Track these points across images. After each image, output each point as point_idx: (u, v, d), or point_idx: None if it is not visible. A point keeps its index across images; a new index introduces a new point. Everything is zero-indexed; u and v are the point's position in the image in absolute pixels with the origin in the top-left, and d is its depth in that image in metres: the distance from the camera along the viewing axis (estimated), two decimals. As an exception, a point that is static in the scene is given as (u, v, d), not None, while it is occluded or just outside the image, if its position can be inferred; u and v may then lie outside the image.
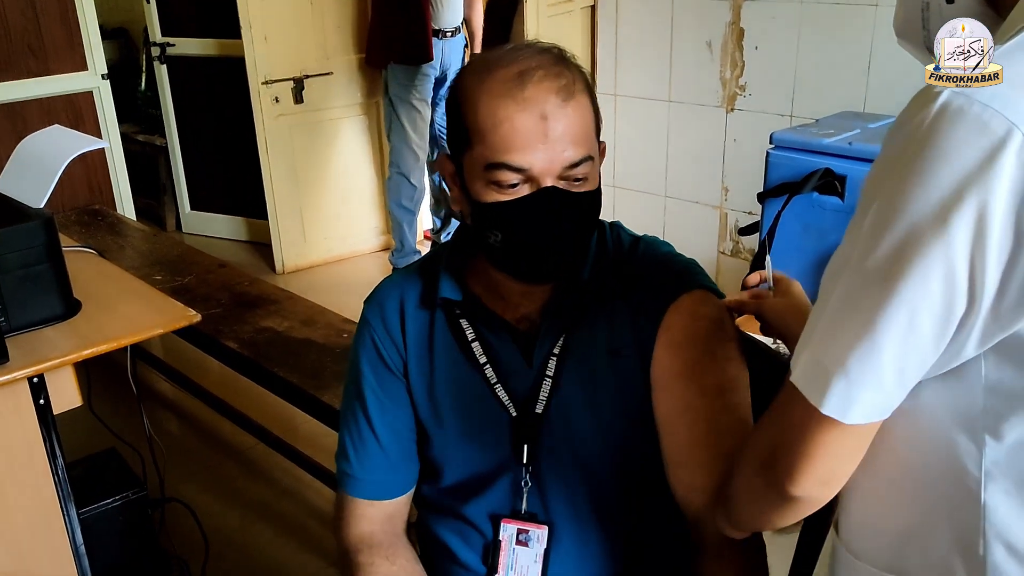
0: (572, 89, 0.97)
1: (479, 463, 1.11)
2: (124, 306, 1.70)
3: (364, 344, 1.14)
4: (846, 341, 0.69)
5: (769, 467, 0.78)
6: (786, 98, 2.67)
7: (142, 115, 5.02)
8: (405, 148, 3.79)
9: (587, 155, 0.98)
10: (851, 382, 0.69)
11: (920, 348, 0.68)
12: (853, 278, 0.69)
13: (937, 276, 0.65)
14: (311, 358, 2.25)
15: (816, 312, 0.74)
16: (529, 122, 0.95)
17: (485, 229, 1.01)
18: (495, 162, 0.96)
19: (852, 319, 0.69)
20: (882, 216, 0.67)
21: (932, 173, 0.65)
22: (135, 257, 3.01)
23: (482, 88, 0.98)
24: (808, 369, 0.72)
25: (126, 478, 1.85)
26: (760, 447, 0.80)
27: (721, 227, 2.99)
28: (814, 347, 0.72)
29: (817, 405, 0.71)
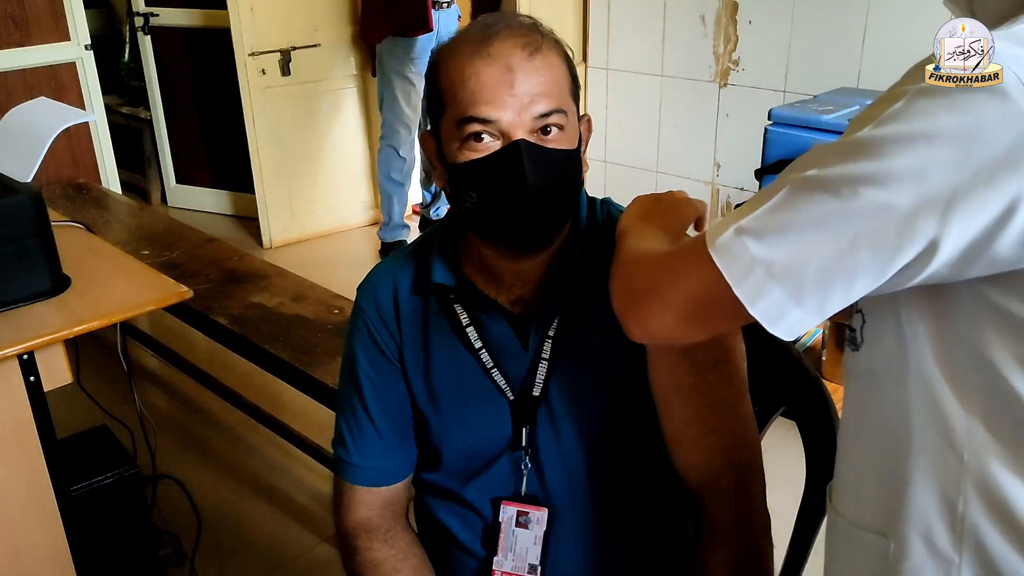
0: (539, 45, 0.97)
1: (478, 447, 1.11)
2: (114, 282, 1.68)
3: (358, 331, 1.13)
4: (783, 237, 0.68)
5: (636, 300, 0.81)
6: (780, 73, 2.66)
7: (126, 87, 4.95)
8: (396, 121, 3.76)
9: (557, 107, 0.97)
10: (774, 277, 0.68)
11: (854, 273, 0.67)
12: (815, 176, 0.68)
13: (896, 216, 0.64)
14: (301, 334, 2.23)
15: (762, 195, 0.72)
16: (495, 74, 0.94)
17: (461, 192, 1.00)
18: (464, 117, 0.95)
19: (795, 218, 0.67)
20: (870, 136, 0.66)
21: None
22: (122, 232, 2.97)
23: (452, 52, 0.99)
24: (732, 246, 0.70)
25: (117, 455, 1.84)
26: (642, 276, 0.82)
27: (713, 203, 2.98)
28: (748, 227, 0.70)
29: (732, 285, 0.69)
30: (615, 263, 0.90)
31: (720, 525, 1.03)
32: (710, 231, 0.73)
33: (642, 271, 0.83)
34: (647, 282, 0.81)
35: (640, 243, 0.91)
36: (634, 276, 0.84)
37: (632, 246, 0.91)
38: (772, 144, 1.59)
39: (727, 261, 0.70)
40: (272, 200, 4.16)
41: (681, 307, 0.76)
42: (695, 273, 0.73)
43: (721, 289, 0.70)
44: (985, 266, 0.65)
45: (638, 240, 0.93)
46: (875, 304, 0.77)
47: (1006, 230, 0.62)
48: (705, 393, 1.01)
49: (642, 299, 0.81)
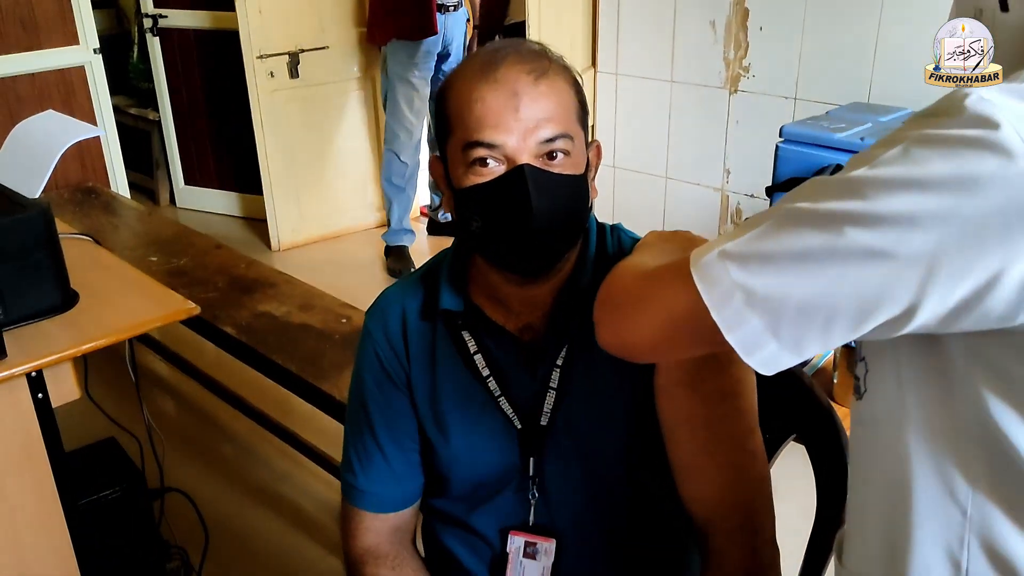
0: (546, 70, 0.97)
1: (485, 475, 1.10)
2: (122, 297, 1.68)
3: (367, 356, 1.13)
4: (765, 266, 0.66)
5: (614, 308, 0.80)
6: (791, 80, 2.64)
7: (134, 88, 4.95)
8: (398, 126, 3.75)
9: (563, 132, 0.96)
10: (752, 306, 0.66)
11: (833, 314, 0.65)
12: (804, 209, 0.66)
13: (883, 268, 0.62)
14: (309, 344, 2.23)
15: (751, 221, 0.71)
16: (500, 99, 0.94)
17: (467, 217, 0.99)
18: (470, 141, 0.95)
19: (779, 247, 0.66)
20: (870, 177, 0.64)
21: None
22: (130, 238, 2.98)
23: (459, 77, 0.99)
24: (714, 268, 0.69)
25: (124, 468, 1.84)
26: (624, 286, 0.81)
27: (723, 209, 2.96)
28: (732, 252, 0.68)
29: (710, 309, 0.68)
30: (611, 272, 0.89)
31: (727, 561, 1.02)
32: (695, 252, 0.72)
33: (626, 282, 0.83)
34: (628, 292, 0.81)
35: (646, 256, 0.91)
36: (617, 285, 0.84)
37: (627, 261, 0.91)
38: (783, 161, 1.58)
39: (708, 283, 0.69)
40: (280, 202, 4.16)
41: (657, 322, 0.76)
42: (675, 290, 0.72)
43: (699, 311, 0.69)
44: (975, 321, 0.63)
45: (636, 256, 0.92)
46: (877, 353, 0.76)
47: (996, 289, 0.61)
48: (714, 427, 1.00)
49: (620, 308, 0.80)
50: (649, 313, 0.76)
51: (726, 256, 0.68)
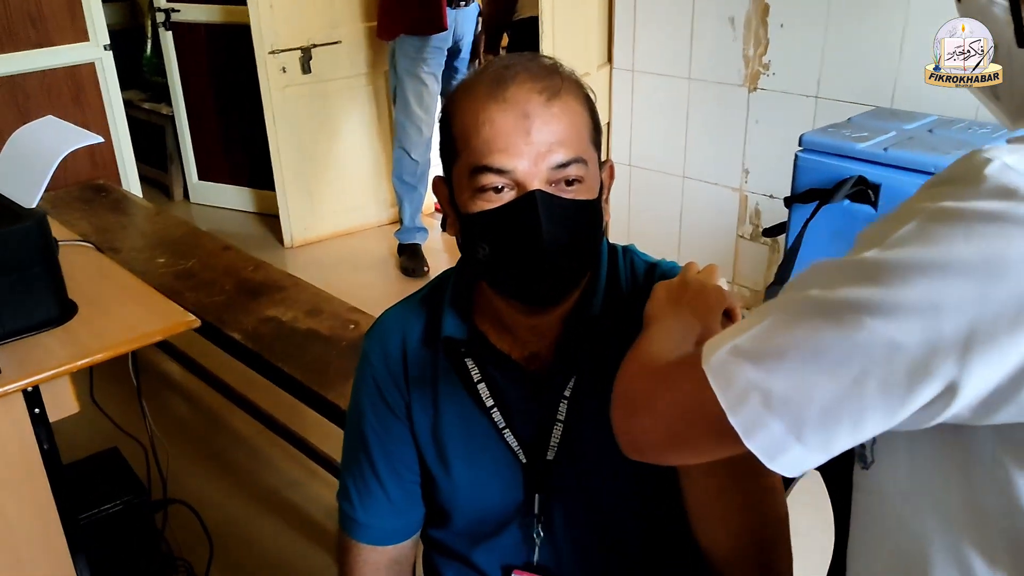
0: (558, 90, 0.91)
1: (488, 511, 1.05)
2: (121, 309, 1.64)
3: (365, 383, 1.08)
4: (781, 363, 0.61)
5: (628, 410, 0.74)
6: (812, 79, 2.56)
7: (148, 83, 4.92)
8: (408, 123, 3.69)
9: (577, 156, 0.90)
10: (771, 408, 0.61)
11: (861, 413, 0.59)
12: (817, 298, 0.61)
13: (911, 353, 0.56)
14: (315, 352, 2.19)
15: (763, 310, 0.65)
16: (510, 121, 0.88)
17: (473, 243, 0.94)
18: (478, 166, 0.90)
19: (793, 342, 0.61)
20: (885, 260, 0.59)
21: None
22: (138, 238, 2.94)
23: (466, 95, 0.93)
24: (727, 367, 0.63)
25: (127, 481, 1.80)
26: (638, 385, 0.76)
27: (741, 210, 2.89)
28: (744, 348, 0.63)
29: (727, 412, 0.63)
30: (624, 360, 0.83)
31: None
32: (707, 346, 0.67)
33: (639, 379, 0.77)
34: (641, 392, 0.75)
35: (659, 338, 0.84)
36: (628, 385, 0.78)
37: (645, 346, 0.84)
38: (803, 171, 1.51)
39: (722, 383, 0.63)
40: (293, 199, 4.12)
41: (671, 425, 0.70)
42: (688, 391, 0.67)
43: (714, 413, 0.63)
44: (1015, 413, 0.57)
45: (660, 333, 0.86)
46: None
47: None
48: (730, 466, 0.94)
49: (633, 410, 0.75)
50: (662, 415, 0.71)
51: (739, 353, 0.63)
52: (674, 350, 0.81)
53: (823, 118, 2.59)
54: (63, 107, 3.34)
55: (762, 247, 2.88)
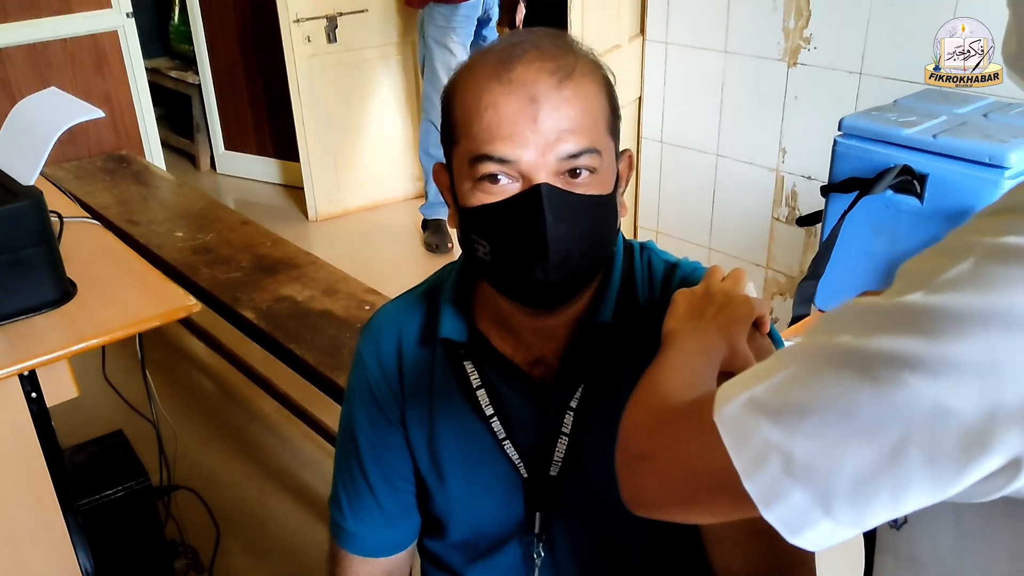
0: (571, 71, 0.81)
1: (485, 527, 0.98)
2: (122, 291, 1.58)
3: (358, 384, 1.00)
4: (804, 422, 0.51)
5: (631, 460, 0.65)
6: (856, 54, 2.42)
7: (175, 51, 4.87)
8: (435, 93, 3.58)
9: (589, 147, 0.81)
10: (794, 475, 0.51)
11: (903, 487, 0.50)
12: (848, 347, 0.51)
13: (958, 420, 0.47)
14: (329, 333, 2.12)
15: (784, 356, 0.56)
16: (515, 106, 0.79)
17: (473, 240, 0.86)
18: (478, 154, 0.81)
19: (817, 398, 0.51)
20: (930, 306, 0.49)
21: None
22: (158, 210, 2.90)
23: (468, 74, 0.84)
24: (742, 421, 0.54)
25: (130, 466, 1.76)
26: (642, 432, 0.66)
27: (777, 191, 2.76)
28: (762, 400, 0.54)
29: (741, 475, 0.53)
30: (635, 392, 0.74)
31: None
32: (719, 393, 0.57)
33: (644, 424, 0.67)
34: (645, 440, 0.66)
35: (676, 365, 0.75)
36: (636, 428, 0.68)
37: (660, 376, 0.74)
38: (842, 159, 1.39)
39: (735, 441, 0.54)
40: (318, 171, 4.05)
41: (677, 482, 0.61)
42: (696, 445, 0.57)
43: (727, 473, 0.54)
44: None
45: (678, 357, 0.76)
46: None
47: None
48: None
49: (635, 460, 0.65)
50: (666, 469, 0.61)
51: (756, 406, 0.53)
52: (692, 384, 0.71)
53: (866, 96, 2.45)
54: (85, 76, 3.30)
55: (799, 231, 2.75)
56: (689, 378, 0.73)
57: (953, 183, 1.26)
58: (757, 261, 2.92)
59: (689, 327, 0.82)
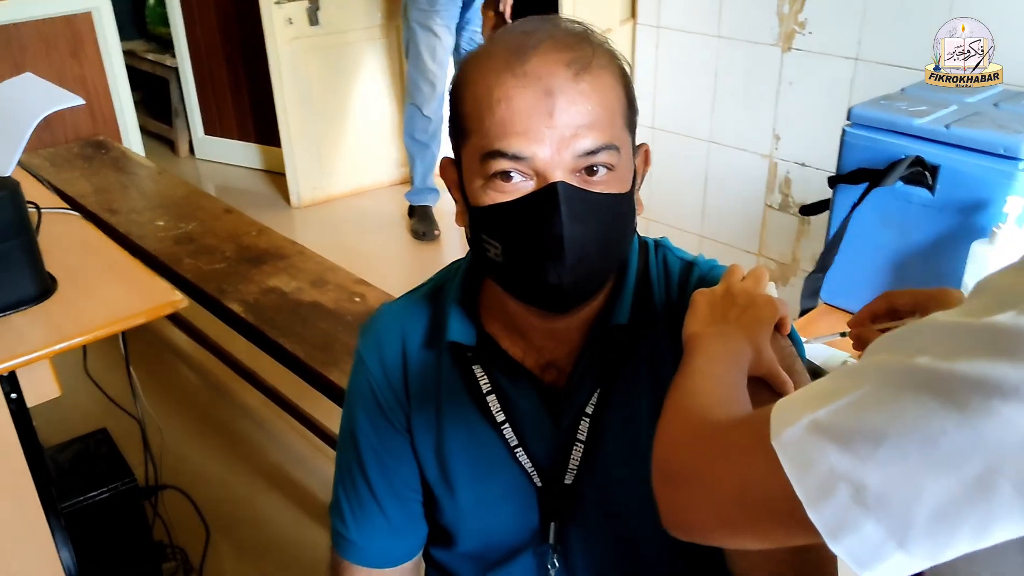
0: (588, 62, 0.77)
1: (497, 537, 0.94)
2: (104, 287, 1.52)
3: (360, 390, 0.96)
4: (878, 450, 0.47)
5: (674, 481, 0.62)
6: (852, 39, 2.38)
7: (152, 33, 4.75)
8: (420, 77, 3.52)
9: (608, 143, 0.77)
10: (866, 505, 0.48)
11: (989, 519, 0.46)
12: (928, 369, 0.47)
13: None
14: (319, 327, 2.07)
15: (847, 375, 0.52)
16: (530, 100, 0.75)
17: (484, 240, 0.81)
18: (490, 150, 0.76)
19: (894, 424, 0.47)
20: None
21: None
22: (138, 199, 2.82)
23: (478, 65, 0.79)
24: (805, 447, 0.50)
25: (116, 466, 1.70)
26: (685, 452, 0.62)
27: (770, 178, 2.73)
28: (827, 424, 0.50)
29: (805, 505, 0.50)
30: (667, 407, 0.70)
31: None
32: (776, 414, 0.53)
33: (686, 444, 0.63)
34: (689, 462, 0.62)
35: (707, 375, 0.71)
36: (677, 448, 0.64)
37: (690, 386, 0.70)
38: (851, 149, 1.35)
39: (798, 468, 0.50)
40: (301, 157, 3.98)
41: (727, 508, 0.57)
42: (751, 469, 0.53)
43: (786, 500, 0.50)
44: None
45: (707, 366, 0.72)
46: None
47: None
48: None
49: (679, 483, 0.61)
50: (716, 495, 0.57)
51: (820, 430, 0.49)
52: (727, 395, 0.68)
53: (862, 82, 2.42)
54: (60, 59, 3.20)
55: (791, 218, 2.73)
56: (723, 388, 0.69)
57: (966, 174, 1.23)
58: (749, 248, 2.89)
59: (713, 331, 0.78)
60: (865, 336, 0.89)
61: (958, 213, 1.25)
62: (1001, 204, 1.16)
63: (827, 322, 1.45)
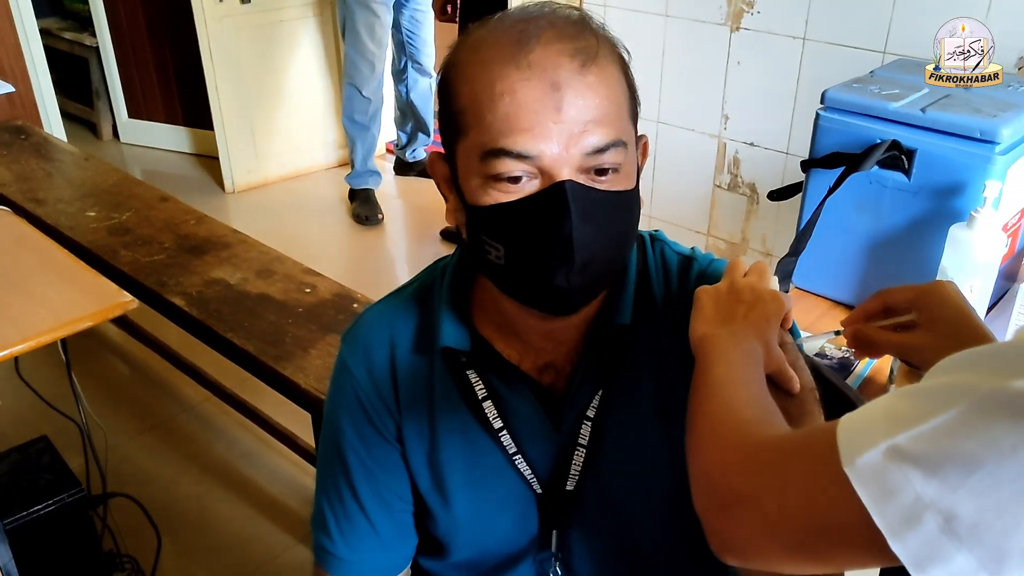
0: (594, 53, 0.72)
1: (495, 548, 0.90)
2: (45, 288, 1.42)
3: (345, 399, 0.90)
4: (971, 478, 0.45)
5: (725, 506, 0.58)
6: (800, 18, 2.38)
7: (69, 10, 4.51)
8: (359, 57, 3.42)
9: (616, 139, 0.73)
10: (957, 536, 0.45)
11: None
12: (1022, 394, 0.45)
13: None
14: (269, 319, 1.99)
15: (925, 396, 0.49)
16: (536, 94, 0.70)
17: (484, 242, 0.76)
18: (492, 148, 0.71)
19: (990, 453, 0.44)
20: None
21: None
22: (65, 188, 2.67)
23: (476, 56, 0.74)
24: (885, 474, 0.47)
25: (60, 476, 1.60)
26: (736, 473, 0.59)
27: (719, 158, 2.73)
28: (911, 451, 0.47)
29: (887, 536, 0.47)
30: (697, 421, 0.66)
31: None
32: (844, 437, 0.50)
33: (738, 466, 0.59)
34: (743, 487, 0.58)
35: (729, 381, 0.67)
36: (725, 472, 0.60)
37: (717, 395, 0.67)
38: (825, 132, 1.34)
39: (878, 496, 0.47)
40: (234, 140, 3.83)
41: (788, 532, 0.53)
42: (821, 496, 0.50)
43: (862, 527, 0.47)
44: None
45: (726, 371, 0.69)
46: None
47: None
48: None
49: (734, 509, 0.58)
50: (777, 519, 0.54)
51: (902, 457, 0.46)
52: (760, 407, 0.64)
53: (810, 61, 2.43)
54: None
55: (740, 198, 2.74)
56: (754, 397, 0.66)
57: (943, 158, 1.23)
58: (698, 229, 2.89)
59: (724, 332, 0.75)
60: (862, 334, 0.86)
61: (935, 197, 1.25)
62: (978, 188, 1.16)
63: (800, 306, 1.45)
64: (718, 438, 0.62)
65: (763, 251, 2.75)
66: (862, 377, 1.28)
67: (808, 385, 0.83)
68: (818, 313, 1.44)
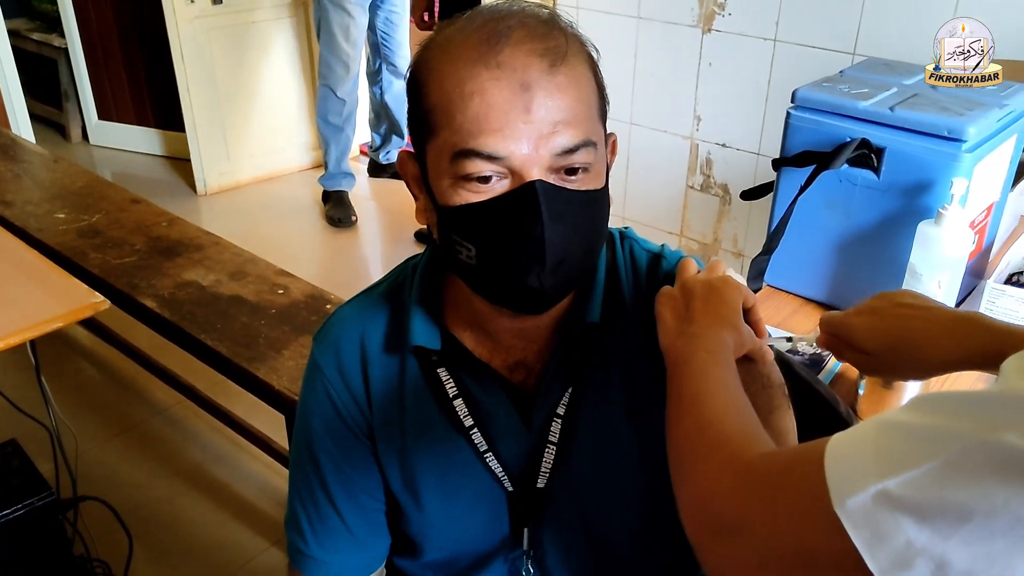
0: (564, 52, 0.73)
1: (468, 546, 0.90)
2: (15, 288, 1.40)
3: (317, 397, 0.90)
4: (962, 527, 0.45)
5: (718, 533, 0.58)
6: (771, 19, 2.41)
7: (37, 10, 4.45)
8: (333, 58, 3.41)
9: (586, 139, 0.73)
10: None
11: None
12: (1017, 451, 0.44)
13: None
14: (241, 321, 1.98)
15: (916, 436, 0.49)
16: (505, 94, 0.70)
17: (455, 242, 0.76)
18: (462, 149, 0.72)
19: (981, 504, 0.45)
20: None
21: None
22: (34, 190, 2.63)
23: (445, 56, 0.74)
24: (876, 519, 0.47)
25: (29, 480, 1.58)
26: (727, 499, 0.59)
27: (691, 159, 2.75)
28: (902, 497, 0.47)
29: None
30: (679, 440, 0.66)
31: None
32: (833, 474, 0.50)
33: (727, 491, 0.59)
34: (733, 513, 0.58)
35: (710, 392, 0.68)
36: (715, 495, 0.60)
37: (698, 411, 0.66)
38: (796, 131, 1.36)
39: (869, 540, 0.47)
40: (206, 142, 3.80)
41: (782, 565, 0.53)
42: (811, 530, 0.50)
43: (850, 560, 0.48)
44: None
45: (702, 383, 0.69)
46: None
47: None
48: None
49: (725, 534, 0.58)
50: (767, 552, 0.54)
51: (893, 503, 0.46)
52: (739, 416, 0.65)
53: (781, 63, 2.46)
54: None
55: (713, 198, 2.76)
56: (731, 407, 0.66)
57: (911, 156, 1.24)
58: (671, 230, 2.91)
59: (685, 337, 0.75)
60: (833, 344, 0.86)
61: (903, 195, 1.27)
62: (946, 185, 1.18)
63: (772, 304, 1.46)
64: (701, 461, 0.63)
65: (735, 251, 2.78)
66: (833, 372, 1.29)
67: (777, 381, 0.84)
68: (790, 310, 1.46)
